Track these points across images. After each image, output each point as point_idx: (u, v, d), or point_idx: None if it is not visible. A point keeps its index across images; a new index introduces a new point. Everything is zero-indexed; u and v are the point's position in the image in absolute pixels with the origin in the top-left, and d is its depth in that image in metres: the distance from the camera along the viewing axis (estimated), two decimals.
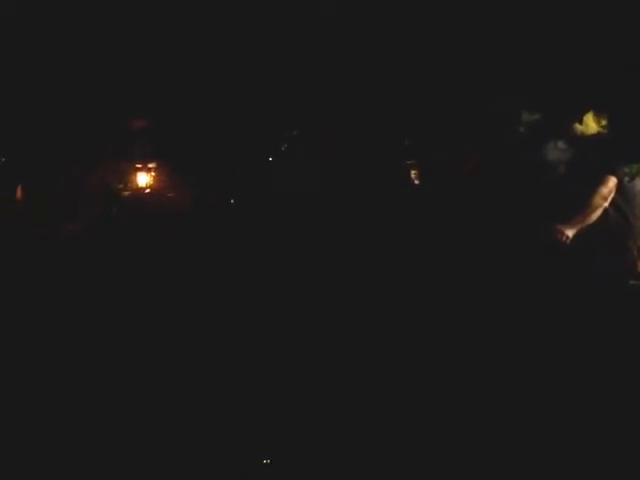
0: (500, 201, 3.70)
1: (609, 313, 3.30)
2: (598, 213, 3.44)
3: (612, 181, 3.41)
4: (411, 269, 4.07)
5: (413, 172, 4.51)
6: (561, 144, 3.53)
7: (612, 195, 3.43)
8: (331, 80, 4.67)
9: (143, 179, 5.50)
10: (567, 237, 3.43)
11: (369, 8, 4.32)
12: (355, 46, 4.46)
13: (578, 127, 3.48)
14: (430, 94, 4.22)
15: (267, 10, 4.61)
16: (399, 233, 4.32)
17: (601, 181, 3.41)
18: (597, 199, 3.41)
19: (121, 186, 5.46)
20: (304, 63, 4.71)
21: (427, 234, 4.14)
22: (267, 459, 3.08)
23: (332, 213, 4.63)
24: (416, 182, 4.45)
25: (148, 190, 5.45)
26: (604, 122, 3.45)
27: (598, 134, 3.48)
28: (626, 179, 3.43)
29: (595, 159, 3.43)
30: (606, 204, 3.44)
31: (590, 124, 3.47)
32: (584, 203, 3.42)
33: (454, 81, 4.07)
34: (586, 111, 3.46)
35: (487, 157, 3.83)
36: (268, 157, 5.37)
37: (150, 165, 5.54)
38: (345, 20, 4.42)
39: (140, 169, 5.54)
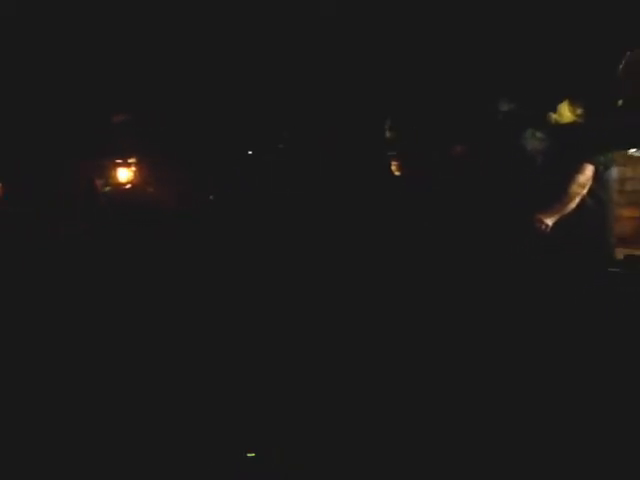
0: (483, 193, 3.72)
1: (587, 300, 3.33)
2: (576, 201, 3.46)
3: (589, 169, 3.43)
4: (403, 269, 4.06)
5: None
6: (539, 134, 3.54)
7: (589, 183, 3.45)
8: (329, 79, 4.65)
9: (124, 174, 5.47)
10: (546, 226, 3.45)
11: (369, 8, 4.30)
12: (354, 46, 4.44)
13: (553, 116, 3.49)
14: (423, 91, 4.21)
15: (267, 9, 4.58)
16: (392, 234, 4.30)
17: (578, 170, 3.42)
18: (575, 187, 3.43)
19: (102, 182, 5.43)
20: (302, 62, 4.68)
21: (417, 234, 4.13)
22: (266, 459, 3.08)
23: (328, 212, 4.61)
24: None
25: (129, 186, 5.42)
26: (579, 111, 3.46)
27: (574, 123, 3.49)
28: (601, 167, 3.45)
29: (572, 148, 3.44)
30: (584, 192, 3.46)
31: (565, 113, 3.47)
32: (562, 192, 3.44)
33: (443, 78, 4.06)
34: (562, 100, 3.47)
35: (473, 152, 3.83)
36: (253, 154, 5.33)
37: (131, 160, 5.51)
38: (345, 20, 4.39)
39: (121, 164, 5.51)
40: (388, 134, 4.43)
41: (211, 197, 5.13)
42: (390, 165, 4.40)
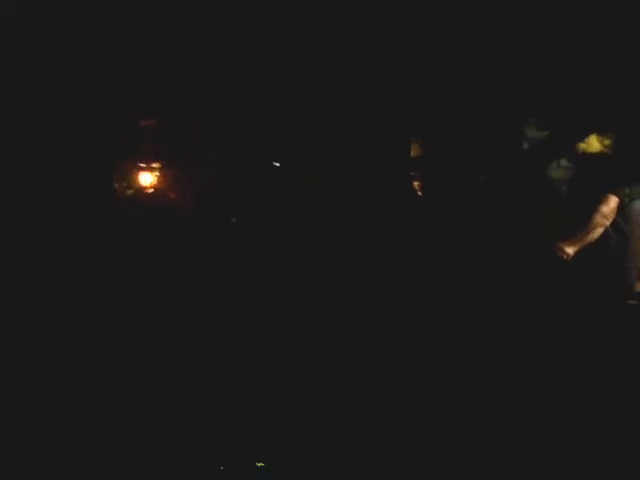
0: (502, 216, 3.72)
1: (607, 333, 3.31)
2: (599, 232, 3.45)
3: (613, 200, 3.43)
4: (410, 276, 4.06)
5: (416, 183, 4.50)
6: (564, 162, 3.55)
7: (613, 215, 3.45)
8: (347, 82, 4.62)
9: (147, 179, 5.49)
10: (567, 255, 3.45)
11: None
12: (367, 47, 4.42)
13: (581, 146, 3.49)
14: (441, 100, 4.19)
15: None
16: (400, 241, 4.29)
17: (603, 200, 3.42)
18: (598, 218, 3.43)
19: (125, 185, 5.45)
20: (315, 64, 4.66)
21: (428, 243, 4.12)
22: (265, 460, 3.08)
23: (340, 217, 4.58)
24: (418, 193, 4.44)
25: (151, 190, 5.44)
26: (607, 142, 3.46)
27: (601, 154, 3.49)
28: (626, 199, 3.44)
29: (597, 178, 3.44)
30: (607, 223, 3.45)
31: (593, 143, 3.47)
32: (585, 221, 3.44)
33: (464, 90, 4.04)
34: (593, 130, 3.47)
35: (495, 170, 3.83)
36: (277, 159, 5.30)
37: (154, 165, 5.53)
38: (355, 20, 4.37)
39: (144, 168, 5.53)
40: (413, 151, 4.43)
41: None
42: (412, 184, 4.41)
